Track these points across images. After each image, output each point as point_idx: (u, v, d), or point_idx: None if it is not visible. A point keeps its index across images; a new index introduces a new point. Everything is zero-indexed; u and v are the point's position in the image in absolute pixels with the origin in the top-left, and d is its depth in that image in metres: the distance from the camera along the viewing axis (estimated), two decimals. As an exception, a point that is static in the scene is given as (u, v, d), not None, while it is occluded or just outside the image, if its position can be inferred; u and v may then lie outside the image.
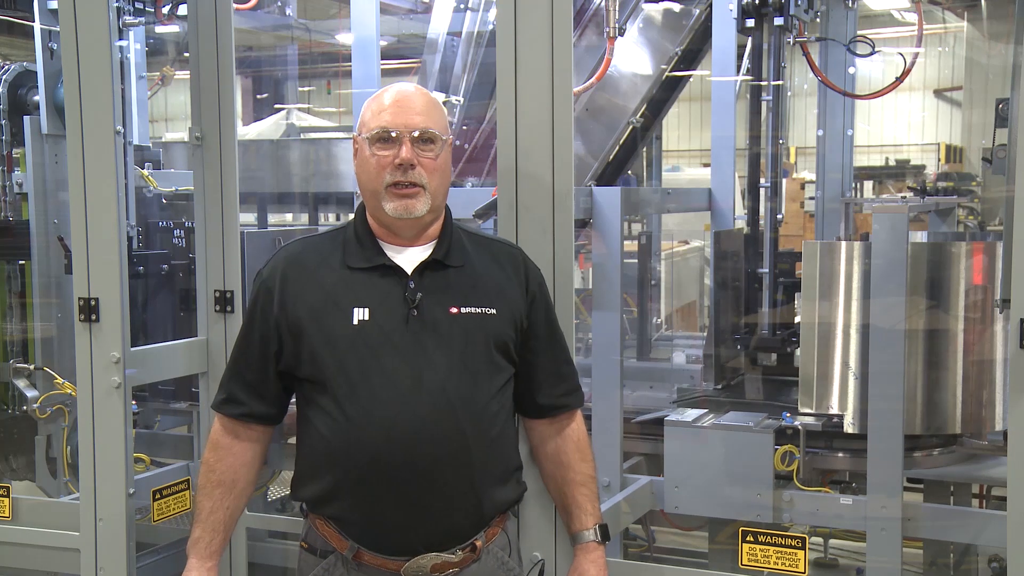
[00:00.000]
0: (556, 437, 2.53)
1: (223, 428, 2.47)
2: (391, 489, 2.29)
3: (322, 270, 2.39)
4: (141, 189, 4.34)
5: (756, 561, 2.92)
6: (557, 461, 2.54)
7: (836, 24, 4.52)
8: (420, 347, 2.31)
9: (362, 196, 2.43)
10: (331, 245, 2.44)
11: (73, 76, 3.09)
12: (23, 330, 4.52)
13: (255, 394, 2.44)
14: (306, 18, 6.15)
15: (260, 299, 2.42)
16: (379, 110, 2.36)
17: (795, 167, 13.53)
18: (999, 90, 10.75)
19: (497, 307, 2.39)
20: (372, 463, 2.29)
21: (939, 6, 9.79)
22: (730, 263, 4.08)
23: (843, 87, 4.53)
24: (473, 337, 2.35)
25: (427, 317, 2.33)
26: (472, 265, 2.42)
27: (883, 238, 3.18)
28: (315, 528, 2.41)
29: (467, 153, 4.33)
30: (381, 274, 2.36)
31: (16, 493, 3.53)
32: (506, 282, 2.44)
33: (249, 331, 2.46)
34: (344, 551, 2.35)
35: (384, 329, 2.32)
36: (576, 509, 2.55)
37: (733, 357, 4.04)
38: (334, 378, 2.31)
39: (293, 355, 2.37)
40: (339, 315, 2.33)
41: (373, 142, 2.33)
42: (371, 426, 2.28)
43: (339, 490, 2.33)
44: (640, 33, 4.27)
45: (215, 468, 2.46)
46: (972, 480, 3.79)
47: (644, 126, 4.32)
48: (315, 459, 2.37)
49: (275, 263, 2.44)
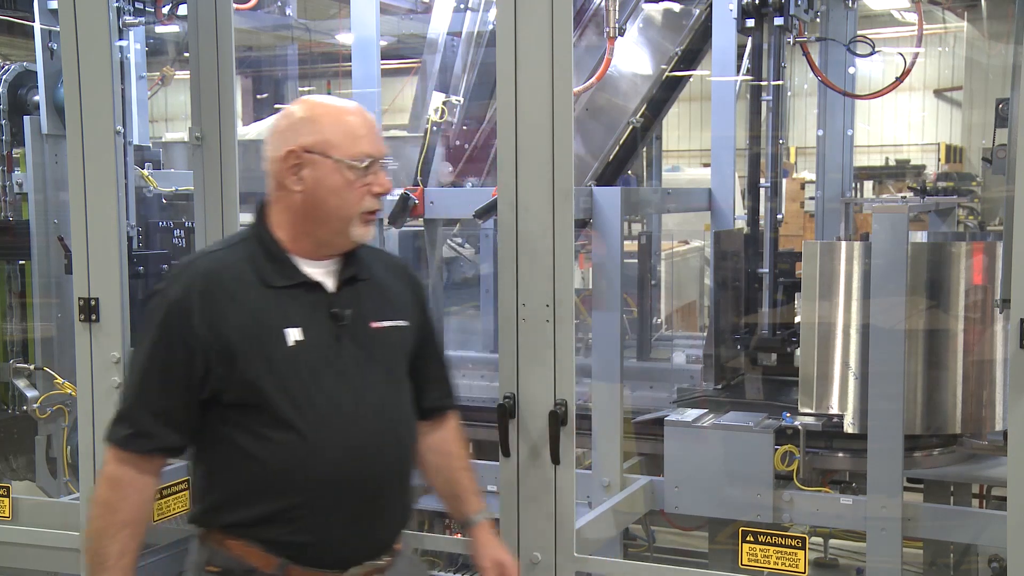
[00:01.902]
0: (438, 432, 2.57)
1: (123, 462, 2.26)
2: (341, 507, 2.27)
3: (241, 289, 2.26)
4: (141, 189, 4.34)
5: (756, 561, 2.92)
6: (443, 451, 2.57)
7: (836, 24, 4.52)
8: (355, 364, 2.30)
9: (309, 216, 2.28)
10: (239, 260, 2.30)
11: (73, 76, 3.09)
12: (23, 330, 4.53)
13: (168, 425, 2.25)
14: (306, 18, 6.14)
15: (174, 320, 2.22)
16: (355, 135, 2.28)
17: (795, 167, 13.54)
18: (999, 90, 10.76)
19: (404, 318, 2.41)
20: (324, 483, 2.25)
21: (939, 6, 9.79)
22: (730, 263, 4.08)
23: (843, 87, 4.53)
24: (394, 350, 2.38)
25: (355, 334, 2.31)
26: (376, 278, 2.41)
27: (883, 238, 3.18)
28: (225, 549, 2.28)
29: (467, 153, 4.33)
30: (303, 291, 2.30)
31: (16, 493, 3.54)
32: (404, 292, 2.46)
33: (162, 356, 2.24)
34: (270, 569, 2.26)
35: (319, 348, 2.27)
36: (467, 493, 2.58)
37: (733, 357, 4.03)
38: (276, 401, 2.22)
39: (223, 379, 2.22)
40: (272, 336, 2.23)
41: (354, 169, 2.26)
42: (322, 446, 2.24)
43: (281, 513, 2.25)
44: (640, 33, 4.27)
45: (119, 508, 2.25)
46: (972, 480, 3.79)
47: (644, 126, 4.32)
48: (247, 485, 2.26)
49: (186, 280, 2.26)
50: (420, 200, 3.70)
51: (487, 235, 4.54)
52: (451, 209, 3.82)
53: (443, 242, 4.53)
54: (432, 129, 3.96)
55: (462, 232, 4.93)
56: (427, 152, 3.92)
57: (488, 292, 4.65)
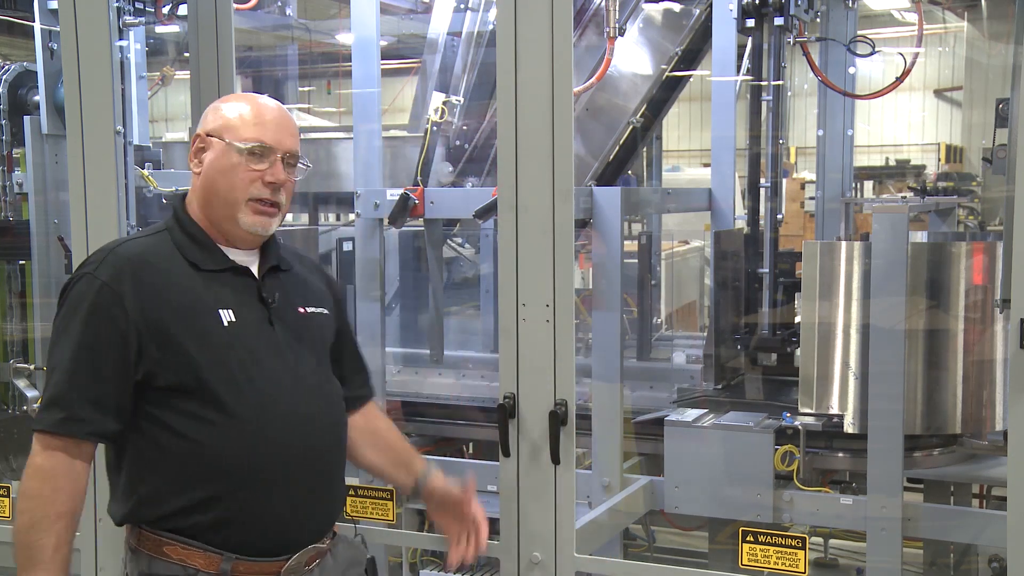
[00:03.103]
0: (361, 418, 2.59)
1: (55, 451, 2.21)
2: (284, 486, 2.26)
3: (172, 272, 2.26)
4: (141, 189, 4.33)
5: (756, 561, 2.91)
6: (371, 429, 2.59)
7: (836, 24, 4.52)
8: (288, 346, 2.32)
9: (208, 198, 2.32)
10: (164, 246, 2.30)
11: (73, 76, 3.09)
12: (23, 330, 4.52)
13: (101, 409, 2.19)
14: (306, 18, 6.15)
15: (103, 303, 2.18)
16: (254, 121, 2.30)
17: (795, 167, 13.52)
18: (999, 90, 10.76)
19: (326, 308, 2.47)
20: (269, 462, 2.23)
21: (939, 6, 9.79)
22: (730, 263, 4.08)
23: (843, 87, 4.53)
24: (320, 335, 2.43)
25: (284, 317, 2.35)
26: (295, 270, 2.46)
27: (883, 238, 3.18)
28: (161, 556, 2.22)
29: (467, 153, 4.33)
30: (232, 275, 2.32)
31: (16, 493, 3.53)
32: (321, 286, 2.51)
33: (92, 340, 2.19)
34: (213, 569, 2.20)
35: (253, 330, 2.29)
36: (409, 455, 2.62)
37: (733, 357, 4.04)
38: (213, 382, 2.20)
39: (157, 362, 2.19)
40: (207, 317, 2.24)
41: (246, 153, 2.28)
42: (263, 426, 2.23)
43: (220, 496, 2.21)
44: (640, 33, 4.27)
45: (53, 499, 2.19)
46: (972, 480, 3.79)
47: (644, 126, 4.33)
48: (181, 471, 2.21)
49: (114, 263, 2.23)
50: (420, 200, 3.70)
51: (487, 235, 4.54)
52: (451, 209, 3.82)
53: (443, 242, 4.54)
54: (432, 129, 3.96)
55: (462, 232, 4.93)
56: (427, 152, 3.93)
57: (488, 292, 4.65)
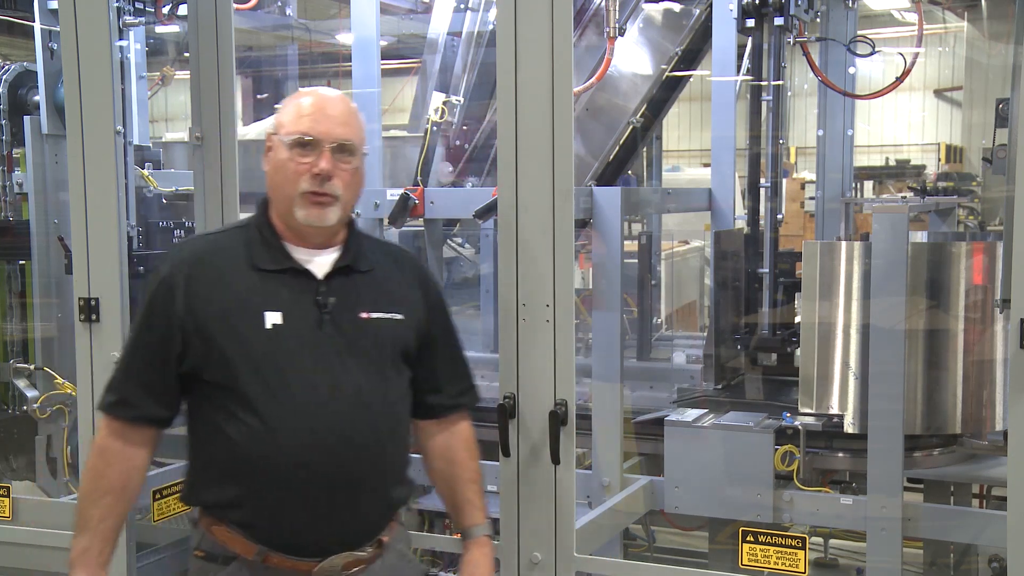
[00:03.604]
0: (445, 436, 2.56)
1: (112, 432, 2.36)
2: (310, 494, 2.29)
3: (229, 270, 2.33)
4: (141, 189, 4.34)
5: (756, 561, 2.92)
6: (448, 459, 2.57)
7: (836, 24, 4.52)
8: (334, 352, 2.31)
9: (271, 196, 2.38)
10: (235, 244, 2.37)
11: (73, 76, 3.09)
12: (23, 330, 4.52)
13: (150, 395, 2.34)
14: (306, 18, 6.14)
15: (159, 298, 2.32)
16: (300, 114, 2.32)
17: (795, 167, 13.53)
18: (999, 90, 10.76)
19: (403, 312, 2.42)
20: (291, 469, 2.27)
21: (939, 6, 9.80)
22: (730, 263, 4.08)
23: (843, 87, 4.53)
24: (382, 341, 2.38)
25: (339, 322, 2.33)
26: (378, 271, 2.43)
27: (883, 238, 3.18)
28: (211, 534, 2.34)
29: (467, 153, 4.33)
30: (291, 276, 2.34)
31: (16, 493, 3.53)
32: (408, 288, 2.47)
33: (146, 330, 2.35)
34: (250, 556, 2.30)
35: (298, 333, 2.30)
36: (467, 505, 2.58)
37: (733, 357, 4.03)
38: (248, 384, 2.26)
39: (201, 357, 2.29)
40: (251, 319, 2.28)
41: (292, 146, 2.30)
42: (292, 433, 2.27)
43: (250, 495, 2.29)
44: (640, 33, 4.27)
45: (104, 474, 2.35)
46: (972, 480, 3.79)
47: (644, 126, 4.32)
48: (220, 464, 2.31)
49: (177, 261, 2.36)
50: (420, 200, 3.70)
51: (487, 235, 4.54)
52: (451, 209, 3.81)
53: (443, 242, 4.53)
54: (432, 129, 3.96)
55: (462, 232, 4.93)
56: (427, 152, 3.93)
57: (488, 292, 4.64)
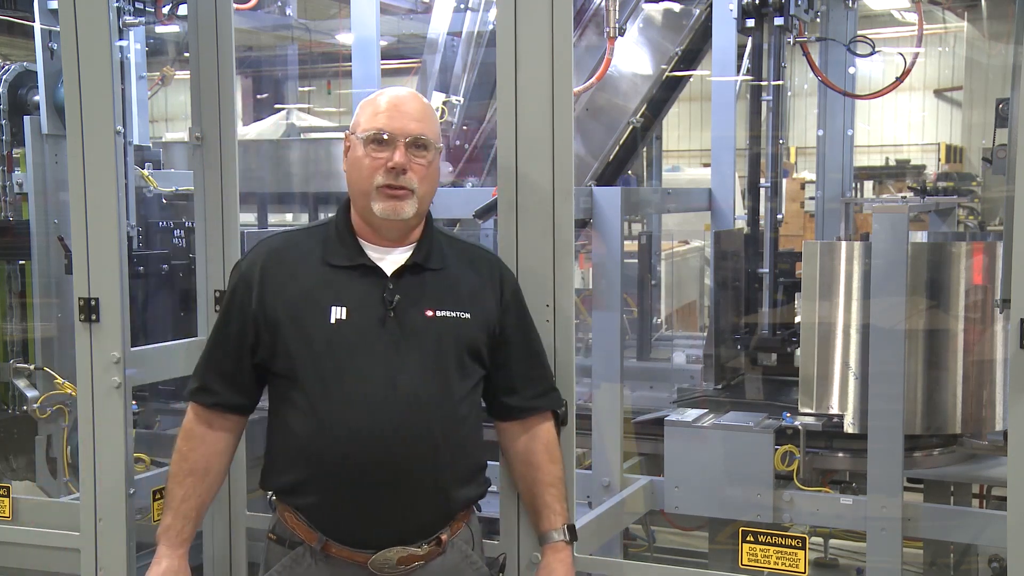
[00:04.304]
0: (526, 439, 2.56)
1: (196, 417, 2.49)
2: (360, 488, 2.34)
3: (302, 266, 2.42)
4: (141, 189, 4.34)
5: (756, 561, 2.91)
6: (527, 462, 2.57)
7: (836, 24, 4.52)
8: (395, 349, 2.35)
9: (351, 194, 2.46)
10: (312, 241, 2.47)
11: (73, 76, 3.09)
12: (23, 330, 4.52)
13: (229, 384, 2.47)
14: (306, 18, 6.15)
15: (238, 291, 2.44)
16: (375, 112, 2.40)
17: (795, 167, 13.53)
18: (999, 90, 10.75)
19: (471, 312, 2.44)
20: (342, 462, 2.33)
21: (939, 6, 9.80)
22: (730, 263, 4.08)
23: (843, 87, 4.53)
24: (446, 340, 2.40)
25: (403, 319, 2.37)
26: (450, 269, 2.47)
27: (883, 238, 3.18)
28: (283, 520, 2.44)
29: (467, 153, 4.33)
30: (361, 273, 2.40)
31: (16, 493, 3.53)
32: (481, 288, 2.49)
33: (226, 322, 2.48)
34: (313, 543, 2.38)
35: (360, 329, 2.36)
36: (545, 509, 2.57)
37: (733, 357, 4.03)
38: (308, 377, 2.35)
39: (269, 349, 2.40)
40: (317, 313, 2.36)
41: (367, 143, 2.37)
42: (342, 428, 2.33)
43: (309, 484, 2.37)
44: (640, 33, 4.27)
45: (188, 457, 2.48)
46: (972, 480, 3.79)
47: (644, 126, 4.32)
48: (286, 451, 2.41)
49: (255, 256, 2.47)
50: (420, 200, 3.69)
51: (487, 235, 4.54)
52: (451, 209, 3.81)
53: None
54: (432, 129, 3.95)
55: (462, 232, 4.92)
56: (427, 152, 3.91)
57: (488, 292, 4.63)
